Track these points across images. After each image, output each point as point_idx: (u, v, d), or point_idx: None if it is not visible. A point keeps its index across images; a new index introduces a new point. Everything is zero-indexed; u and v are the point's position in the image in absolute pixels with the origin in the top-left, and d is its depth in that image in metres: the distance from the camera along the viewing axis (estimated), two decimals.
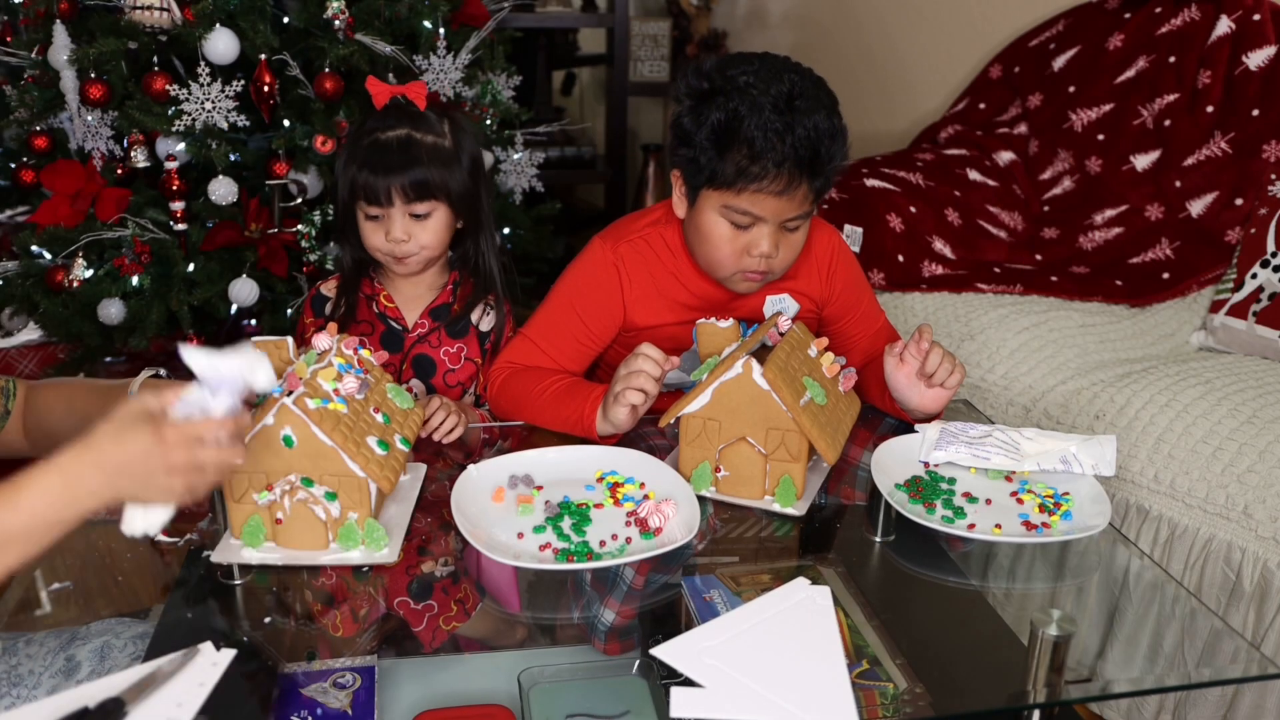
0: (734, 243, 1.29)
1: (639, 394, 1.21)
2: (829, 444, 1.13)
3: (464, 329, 1.53)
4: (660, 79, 3.89)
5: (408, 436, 1.10)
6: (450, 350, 1.52)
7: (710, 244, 1.31)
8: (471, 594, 1.02)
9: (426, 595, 1.00)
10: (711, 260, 1.33)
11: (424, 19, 2.10)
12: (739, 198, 1.25)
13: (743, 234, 1.28)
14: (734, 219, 1.27)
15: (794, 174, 1.22)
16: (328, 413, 1.00)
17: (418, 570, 1.04)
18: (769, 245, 1.28)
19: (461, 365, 1.52)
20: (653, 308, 1.41)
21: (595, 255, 1.43)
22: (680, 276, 1.41)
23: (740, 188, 1.24)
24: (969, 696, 0.90)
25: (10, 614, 1.00)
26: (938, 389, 1.30)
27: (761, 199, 1.24)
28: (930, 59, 3.02)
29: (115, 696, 0.78)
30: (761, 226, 1.27)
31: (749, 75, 1.24)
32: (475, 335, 1.53)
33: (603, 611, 0.99)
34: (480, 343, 1.54)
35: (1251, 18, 2.21)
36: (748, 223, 1.27)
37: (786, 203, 1.25)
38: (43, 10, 1.97)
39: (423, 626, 0.95)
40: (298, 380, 1.02)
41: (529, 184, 2.49)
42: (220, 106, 1.90)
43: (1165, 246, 2.15)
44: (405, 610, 0.98)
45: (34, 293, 1.97)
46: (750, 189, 1.23)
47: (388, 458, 1.03)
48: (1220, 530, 1.55)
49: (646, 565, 1.04)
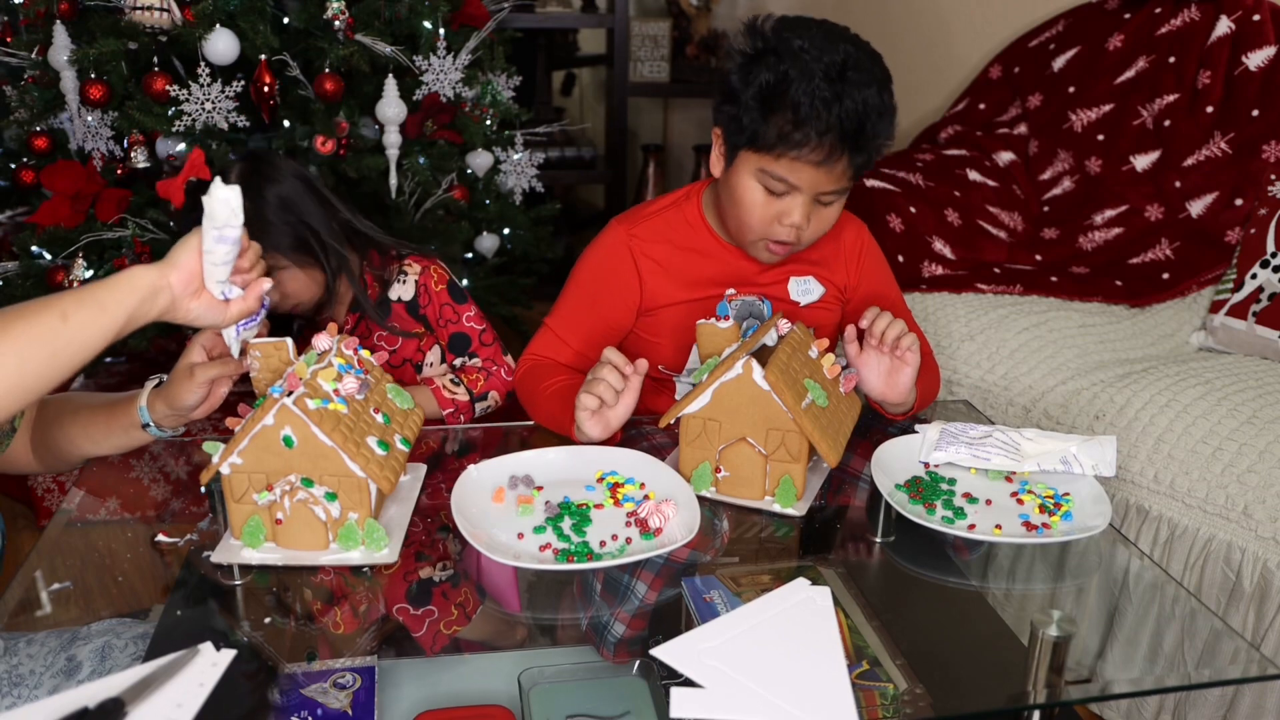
0: (766, 209, 1.28)
1: (594, 399, 1.20)
2: (830, 446, 1.13)
3: (386, 308, 1.51)
4: (660, 79, 3.89)
5: (408, 437, 1.10)
6: (383, 335, 1.52)
7: (742, 207, 1.30)
8: (472, 596, 1.02)
9: (426, 597, 1.00)
10: (740, 223, 1.32)
11: (424, 19, 2.10)
12: (777, 163, 1.23)
13: (776, 201, 1.27)
14: (769, 184, 1.26)
15: (836, 146, 1.20)
16: (328, 413, 1.00)
17: (416, 576, 1.04)
18: (800, 216, 1.27)
19: (401, 344, 1.51)
20: (669, 286, 1.41)
21: (609, 239, 1.43)
22: (700, 251, 1.40)
23: (780, 153, 1.22)
24: (969, 697, 0.90)
25: (11, 614, 1.00)
26: (897, 365, 1.27)
27: (800, 167, 1.23)
28: (930, 59, 3.02)
29: (115, 696, 0.78)
30: (796, 196, 1.26)
31: (804, 40, 1.21)
32: (401, 309, 1.52)
33: (613, 623, 0.98)
34: (410, 312, 1.52)
35: (1251, 18, 2.21)
36: (782, 190, 1.26)
37: (825, 174, 1.23)
38: (43, 10, 1.97)
39: (423, 631, 0.95)
40: (298, 380, 1.02)
41: (529, 184, 2.49)
42: (220, 107, 1.90)
43: (1165, 247, 2.15)
44: (405, 616, 0.98)
45: (34, 293, 1.97)
46: (789, 155, 1.22)
47: (388, 458, 1.03)
48: (1220, 530, 1.55)
49: (660, 580, 1.04)
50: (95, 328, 0.92)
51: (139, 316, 0.95)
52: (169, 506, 1.16)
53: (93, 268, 1.94)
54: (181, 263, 0.98)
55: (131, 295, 0.94)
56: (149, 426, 1.17)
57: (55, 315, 0.90)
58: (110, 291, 0.93)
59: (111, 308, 0.93)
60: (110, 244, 1.95)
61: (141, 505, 1.16)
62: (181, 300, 0.99)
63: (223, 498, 1.04)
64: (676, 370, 1.47)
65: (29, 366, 0.88)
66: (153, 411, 1.16)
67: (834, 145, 1.20)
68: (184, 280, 0.98)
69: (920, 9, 3.04)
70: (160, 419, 1.17)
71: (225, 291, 1.02)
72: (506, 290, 2.61)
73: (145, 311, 0.96)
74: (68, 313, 0.90)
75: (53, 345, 0.89)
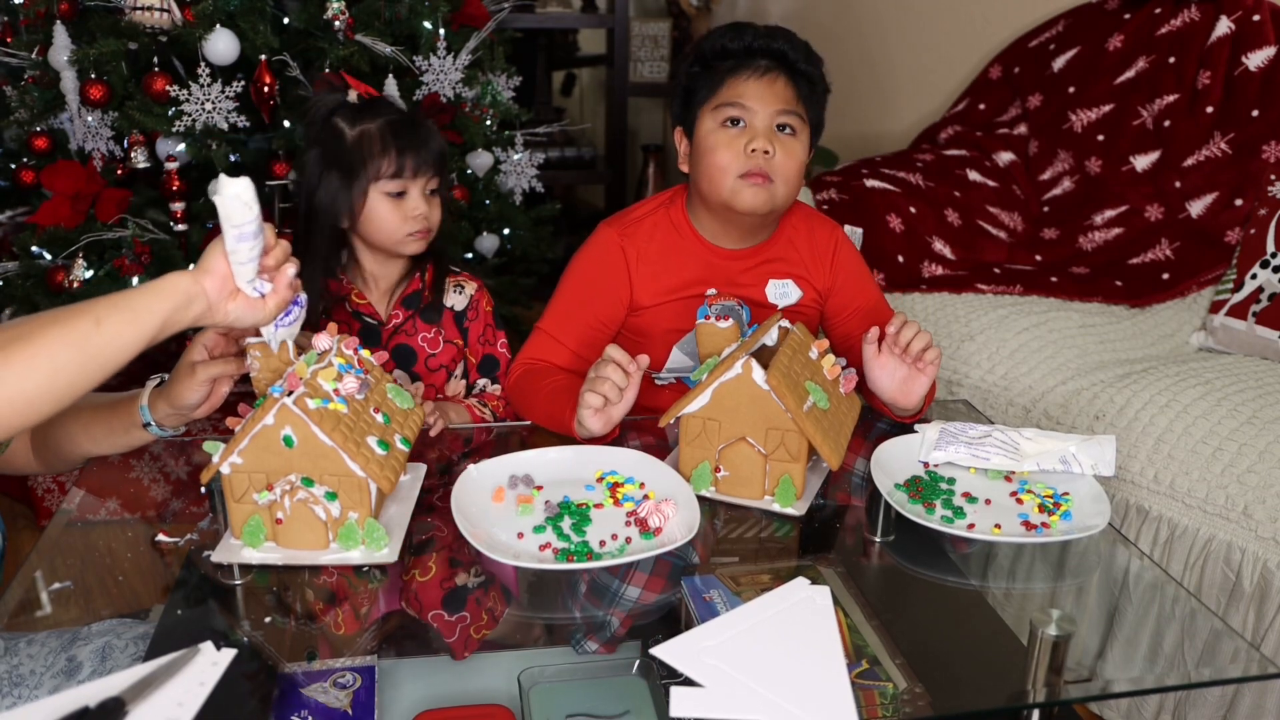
0: (732, 145, 1.35)
1: (599, 398, 1.22)
2: (833, 449, 1.13)
3: (438, 313, 1.54)
4: (660, 79, 3.89)
5: (408, 436, 1.10)
6: (428, 336, 1.53)
7: (712, 155, 1.37)
8: (473, 596, 1.02)
9: (459, 601, 1.00)
10: (714, 170, 1.37)
11: (424, 20, 2.10)
12: (728, 92, 1.35)
13: (739, 135, 1.35)
14: (727, 115, 1.36)
15: (769, 64, 1.35)
16: (328, 413, 1.00)
17: (414, 581, 1.04)
18: (763, 140, 1.34)
19: (441, 349, 1.53)
20: (657, 286, 1.44)
21: (600, 240, 1.46)
22: (686, 252, 1.44)
23: (727, 83, 1.36)
24: (969, 696, 0.90)
25: (11, 614, 1.00)
26: (914, 374, 1.29)
27: (744, 85, 1.35)
28: (930, 59, 3.02)
29: (115, 696, 0.78)
30: (755, 121, 1.35)
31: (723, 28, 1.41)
32: (450, 316, 1.55)
33: (611, 623, 0.98)
34: (457, 323, 1.55)
35: (1251, 18, 2.21)
36: (739, 116, 1.35)
37: (769, 92, 1.34)
38: (43, 11, 1.97)
39: (454, 636, 0.96)
40: (298, 380, 1.02)
41: (529, 184, 2.49)
42: (220, 107, 1.90)
43: (1165, 247, 2.16)
44: (407, 613, 0.98)
45: (34, 293, 1.97)
46: (732, 78, 1.35)
47: (388, 458, 1.03)
48: (1220, 530, 1.55)
49: (660, 580, 1.04)
50: (129, 335, 0.91)
51: (173, 323, 0.95)
52: (169, 506, 1.16)
53: (93, 268, 1.94)
54: (212, 267, 0.97)
55: (166, 301, 0.93)
56: (150, 426, 1.17)
57: (89, 321, 0.89)
58: (144, 298, 0.93)
59: (144, 315, 0.92)
60: (110, 244, 1.95)
61: (141, 505, 1.16)
62: (218, 305, 0.98)
63: (223, 497, 1.04)
64: (656, 369, 1.50)
65: (61, 373, 0.87)
66: (154, 411, 1.16)
67: (767, 64, 1.35)
68: (217, 285, 0.98)
69: (920, 9, 3.04)
70: (162, 418, 1.17)
71: (257, 288, 1.01)
72: (506, 290, 2.61)
73: (179, 318, 0.95)
74: (101, 318, 0.90)
75: (85, 351, 0.88)
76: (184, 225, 1.96)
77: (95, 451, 1.21)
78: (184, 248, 1.96)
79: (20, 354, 0.85)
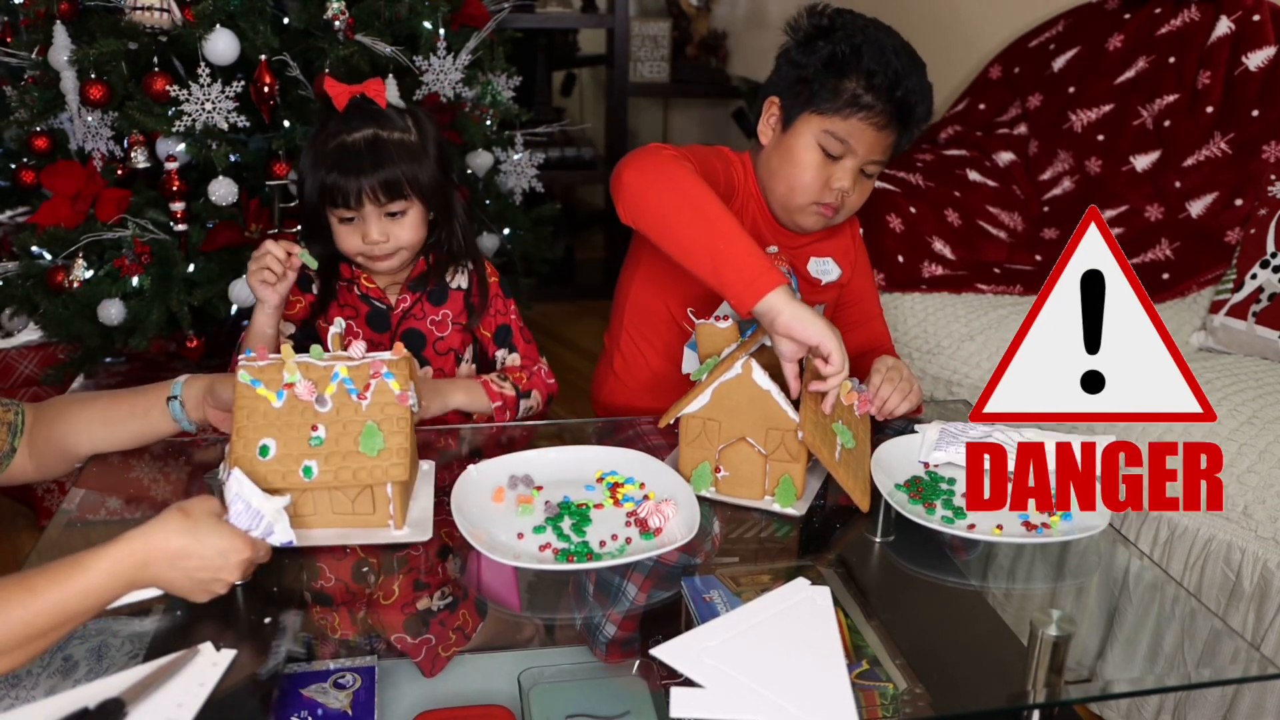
0: (821, 171, 1.36)
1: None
2: (863, 492, 1.15)
3: (443, 294, 1.52)
4: (660, 79, 3.89)
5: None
6: (435, 319, 1.52)
7: (798, 168, 1.37)
8: (475, 597, 1.02)
9: (429, 605, 1.00)
10: (793, 185, 1.38)
11: (424, 20, 2.10)
12: (844, 124, 1.33)
13: (829, 164, 1.36)
14: (829, 145, 1.35)
15: (894, 117, 1.33)
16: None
17: (414, 594, 1.04)
18: (849, 181, 1.36)
19: (450, 332, 1.52)
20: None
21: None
22: (751, 206, 1.46)
23: (847, 114, 1.33)
24: (969, 696, 0.90)
25: None
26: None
27: (861, 129, 1.33)
28: (930, 59, 3.01)
29: (115, 697, 0.78)
30: (848, 160, 1.35)
31: (865, 22, 1.38)
32: (457, 297, 1.53)
33: (604, 624, 0.98)
34: (464, 302, 1.53)
35: (1251, 18, 2.21)
36: (839, 152, 1.35)
37: (876, 141, 1.35)
38: (43, 11, 1.97)
39: (429, 637, 0.96)
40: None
41: (529, 184, 2.49)
42: (220, 107, 1.90)
43: (1165, 247, 2.15)
44: (408, 613, 0.98)
45: (34, 293, 1.97)
46: (857, 117, 1.32)
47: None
48: (1220, 530, 1.55)
49: (650, 582, 1.04)
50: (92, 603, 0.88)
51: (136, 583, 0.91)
52: (169, 506, 1.16)
53: (93, 268, 1.94)
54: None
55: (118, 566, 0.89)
56: (174, 402, 1.16)
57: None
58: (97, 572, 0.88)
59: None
60: (110, 244, 1.94)
61: (141, 505, 1.16)
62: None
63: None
64: (705, 315, 1.40)
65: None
66: (188, 398, 1.17)
67: (892, 115, 1.33)
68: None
69: (920, 9, 3.04)
70: (192, 409, 1.16)
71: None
72: (506, 291, 2.61)
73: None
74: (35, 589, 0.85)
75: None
76: (184, 225, 1.95)
77: (105, 441, 1.19)
78: (184, 247, 1.96)
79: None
